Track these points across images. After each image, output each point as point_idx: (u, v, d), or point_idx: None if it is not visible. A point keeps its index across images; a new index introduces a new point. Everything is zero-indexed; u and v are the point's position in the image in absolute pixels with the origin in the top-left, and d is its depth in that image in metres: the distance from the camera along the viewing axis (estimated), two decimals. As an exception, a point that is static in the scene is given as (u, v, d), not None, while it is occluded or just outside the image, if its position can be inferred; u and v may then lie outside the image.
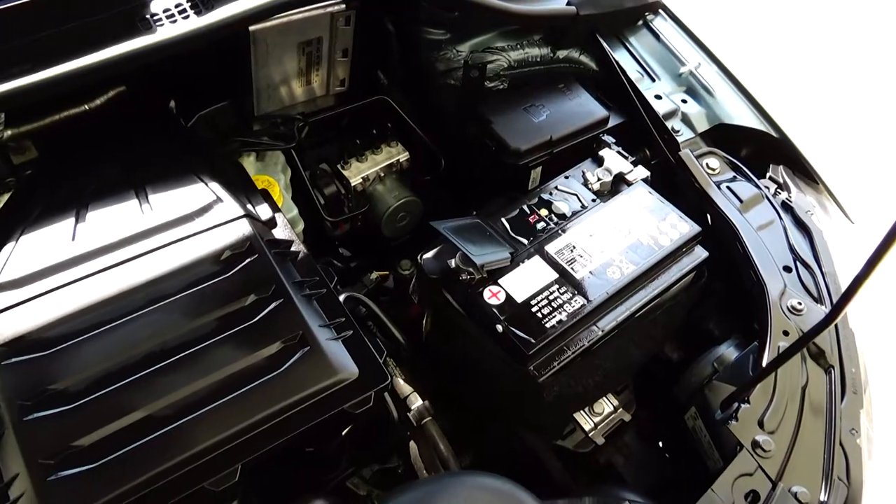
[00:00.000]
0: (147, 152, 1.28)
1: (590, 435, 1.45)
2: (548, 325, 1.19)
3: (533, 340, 1.17)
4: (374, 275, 1.54)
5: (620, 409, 1.48)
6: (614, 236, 1.33)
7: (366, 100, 1.66)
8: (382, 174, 1.70)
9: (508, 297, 1.23)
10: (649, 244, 1.31)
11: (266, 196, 1.28)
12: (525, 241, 1.32)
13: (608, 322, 1.24)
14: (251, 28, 1.38)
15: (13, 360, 0.99)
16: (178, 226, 1.15)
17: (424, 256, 1.31)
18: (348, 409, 1.04)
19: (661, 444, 1.52)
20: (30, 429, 0.95)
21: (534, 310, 1.21)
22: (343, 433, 1.23)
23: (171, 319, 1.06)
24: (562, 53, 1.64)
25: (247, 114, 1.59)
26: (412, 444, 1.35)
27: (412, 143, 1.72)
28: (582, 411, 1.46)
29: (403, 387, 1.32)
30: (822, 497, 1.08)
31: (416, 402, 1.32)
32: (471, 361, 1.33)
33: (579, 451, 1.45)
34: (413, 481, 1.21)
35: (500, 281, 1.26)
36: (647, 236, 1.32)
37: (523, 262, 1.28)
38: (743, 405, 1.16)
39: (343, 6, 1.48)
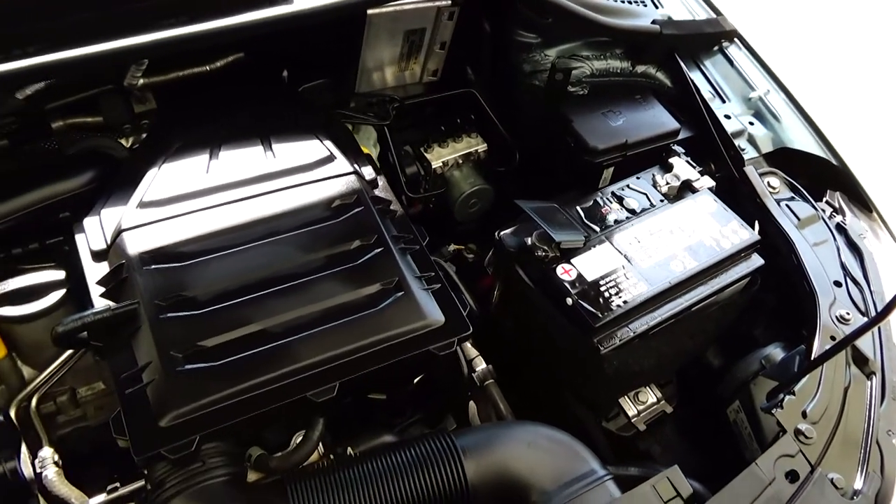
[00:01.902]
0: (270, 110, 1.43)
1: (632, 420, 1.54)
2: (613, 305, 1.30)
3: (600, 315, 1.28)
4: (452, 247, 1.66)
5: (663, 401, 1.58)
6: (679, 235, 1.44)
7: (455, 91, 1.80)
8: (460, 161, 1.83)
9: (580, 275, 1.34)
10: (711, 245, 1.42)
11: (370, 159, 1.41)
12: (597, 229, 1.44)
13: (667, 310, 1.35)
14: (369, 11, 1.53)
15: (153, 266, 1.13)
16: (297, 174, 1.29)
17: (503, 232, 1.43)
18: (434, 350, 1.16)
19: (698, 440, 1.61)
20: (163, 325, 1.08)
21: (602, 289, 1.33)
22: (415, 381, 1.35)
23: (286, 252, 1.20)
24: (640, 68, 1.77)
25: (344, 92, 1.74)
26: (471, 404, 1.45)
27: (490, 135, 1.85)
28: (627, 397, 1.55)
29: (470, 349, 1.44)
30: (857, 485, 1.16)
31: (481, 364, 1.43)
32: (535, 333, 1.44)
33: (621, 434, 1.55)
34: (482, 424, 1.32)
35: (572, 260, 1.37)
36: (709, 238, 1.43)
37: (594, 246, 1.40)
38: (788, 396, 1.25)
39: (449, 2, 1.63)
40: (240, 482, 1.08)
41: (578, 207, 1.48)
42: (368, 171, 1.37)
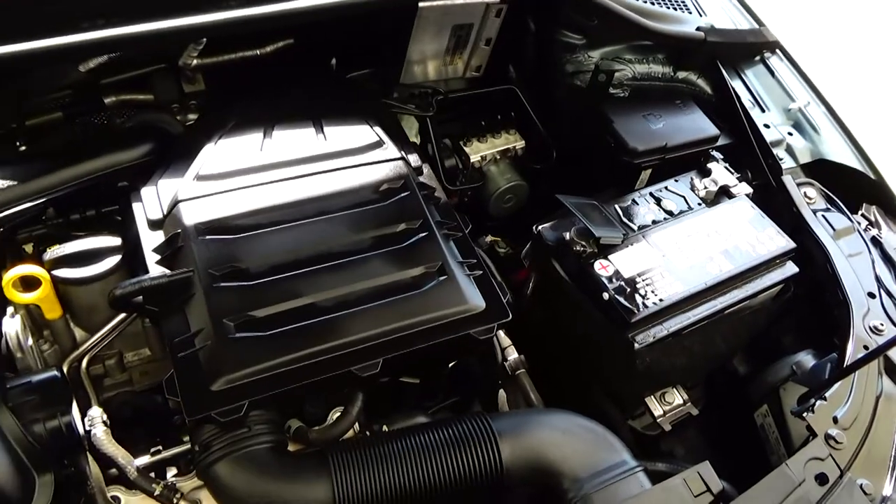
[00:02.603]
0: (321, 94, 1.47)
1: (658, 420, 1.56)
2: (649, 302, 1.32)
3: (636, 311, 1.30)
4: (489, 238, 1.69)
5: (689, 403, 1.59)
6: (715, 238, 1.45)
7: (497, 87, 1.82)
8: (498, 157, 1.85)
9: (617, 271, 1.37)
10: (747, 250, 1.44)
11: (416, 147, 1.44)
12: (634, 228, 1.46)
13: (702, 311, 1.37)
14: (421, 4, 1.56)
15: (208, 237, 1.17)
16: (347, 156, 1.33)
17: (542, 226, 1.46)
18: (474, 334, 1.19)
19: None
20: (216, 294, 1.11)
21: (638, 286, 1.35)
22: (449, 365, 1.37)
23: (335, 230, 1.23)
24: (681, 74, 1.79)
25: (388, 82, 1.77)
26: (501, 392, 1.48)
27: (528, 132, 1.88)
28: (654, 397, 1.57)
29: (504, 338, 1.46)
30: (886, 492, 1.17)
31: (513, 353, 1.45)
32: (568, 326, 1.47)
33: (646, 433, 1.57)
34: (516, 410, 1.34)
35: (609, 257, 1.39)
36: (745, 243, 1.45)
37: (632, 244, 1.42)
38: (819, 401, 1.27)
39: (498, 0, 1.66)
40: (282, 450, 1.11)
41: (616, 206, 1.50)
42: (414, 159, 1.40)
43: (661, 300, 1.33)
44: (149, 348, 1.32)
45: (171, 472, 1.20)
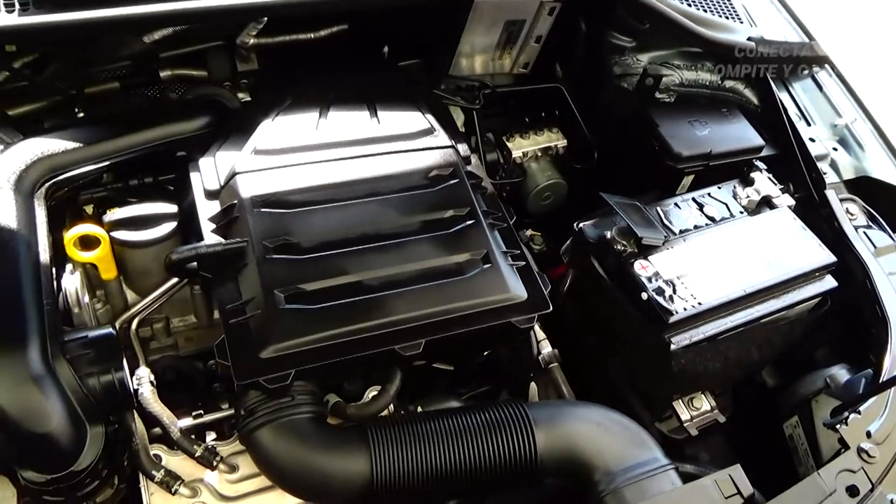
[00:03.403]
0: (375, 80, 1.49)
1: (685, 424, 1.56)
2: (688, 304, 1.33)
3: (674, 312, 1.31)
4: (529, 232, 1.71)
5: (717, 410, 1.59)
6: (756, 247, 1.46)
7: (543, 85, 1.84)
8: (539, 154, 1.87)
9: (656, 272, 1.38)
10: (787, 261, 1.44)
11: (465, 137, 1.46)
12: (676, 231, 1.47)
13: (739, 318, 1.38)
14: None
15: (263, 210, 1.20)
16: (399, 141, 1.35)
17: (584, 224, 1.47)
18: (515, 322, 1.20)
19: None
20: (269, 265, 1.14)
21: (677, 288, 1.35)
22: (484, 354, 1.39)
23: (384, 212, 1.26)
24: (728, 83, 1.79)
25: (437, 74, 1.79)
26: (532, 384, 1.49)
27: (571, 131, 1.89)
28: (682, 401, 1.58)
29: (539, 331, 1.48)
30: (917, 509, 1.17)
31: (547, 347, 1.47)
32: (603, 324, 1.48)
33: (672, 436, 1.57)
34: (549, 401, 1.36)
35: (650, 257, 1.40)
36: (786, 254, 1.45)
37: (673, 246, 1.43)
38: (853, 415, 1.27)
39: (552, -2, 1.67)
40: (323, 421, 1.14)
41: (658, 208, 1.51)
42: (463, 148, 1.42)
43: (699, 303, 1.34)
44: (195, 315, 1.35)
45: (211, 436, 1.23)
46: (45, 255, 1.11)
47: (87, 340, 1.08)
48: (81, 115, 1.48)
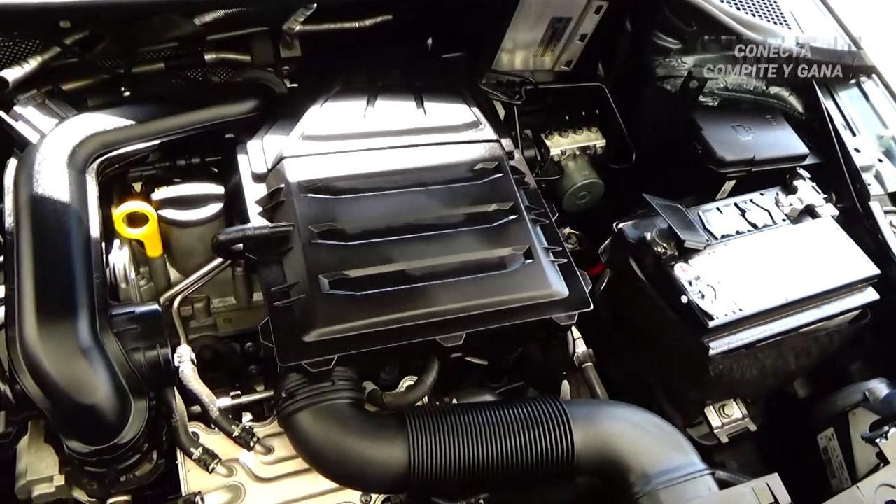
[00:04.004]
0: (422, 70, 1.49)
1: (715, 431, 1.55)
2: (727, 310, 1.32)
3: (715, 317, 1.30)
4: (567, 230, 1.70)
5: (748, 418, 1.58)
6: (798, 255, 1.44)
7: (585, 84, 1.83)
8: (577, 152, 1.86)
9: (697, 276, 1.36)
10: (829, 271, 1.42)
11: (508, 132, 1.46)
12: (717, 235, 1.45)
13: (779, 326, 1.36)
14: (525, -8, 1.58)
15: (309, 195, 1.20)
16: (445, 133, 1.36)
17: (624, 224, 1.46)
18: (556, 319, 1.20)
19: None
20: (314, 250, 1.15)
21: (717, 293, 1.34)
22: (519, 350, 1.39)
23: (429, 203, 1.26)
24: (773, 89, 1.77)
25: (478, 68, 1.79)
26: (564, 383, 1.49)
27: (610, 131, 1.88)
28: (713, 408, 1.56)
29: (574, 330, 1.47)
30: (957, 527, 1.15)
31: (582, 346, 1.46)
32: (639, 326, 1.47)
33: (702, 442, 1.56)
34: (584, 399, 1.36)
35: (690, 261, 1.39)
36: (828, 264, 1.43)
37: (714, 251, 1.42)
38: (893, 429, 1.25)
39: (600, -5, 1.66)
40: (362, 407, 1.14)
41: (699, 212, 1.50)
42: (507, 143, 1.42)
43: (740, 310, 1.32)
44: (235, 297, 1.36)
45: (246, 417, 1.24)
46: (95, 229, 1.12)
47: (134, 316, 1.09)
48: (127, 93, 1.49)
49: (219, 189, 1.28)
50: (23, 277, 1.03)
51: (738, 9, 1.74)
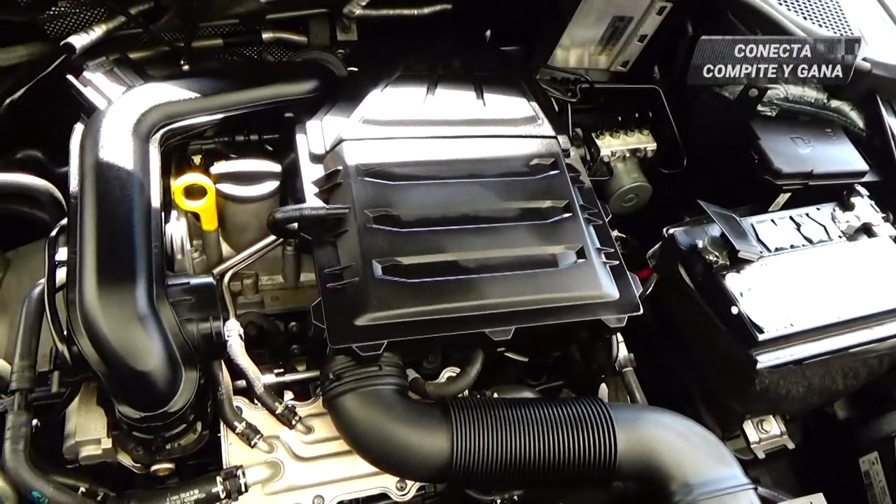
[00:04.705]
0: (482, 61, 1.48)
1: (752, 446, 1.53)
2: (778, 324, 1.30)
3: (765, 331, 1.28)
4: (615, 233, 1.68)
5: (786, 435, 1.55)
6: (853, 273, 1.41)
7: (641, 85, 1.80)
8: (627, 154, 1.84)
9: (748, 287, 1.34)
10: (884, 292, 1.39)
11: (565, 129, 1.44)
12: (770, 248, 1.43)
13: (830, 344, 1.33)
14: (590, -11, 1.56)
15: (367, 179, 1.20)
16: (504, 125, 1.35)
17: (676, 230, 1.44)
18: (605, 321, 1.19)
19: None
20: (368, 234, 1.15)
21: (768, 306, 1.32)
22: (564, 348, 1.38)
23: (484, 195, 1.25)
24: (834, 103, 1.73)
25: (535, 62, 1.77)
26: (602, 386, 1.47)
27: (662, 135, 1.85)
28: (751, 422, 1.54)
29: (617, 333, 1.45)
30: None
31: (624, 351, 1.44)
32: (684, 334, 1.45)
33: (738, 457, 1.53)
34: (626, 403, 1.34)
35: (742, 272, 1.37)
36: (884, 284, 1.40)
37: (767, 263, 1.39)
38: (944, 458, 1.22)
39: (666, -3, 1.63)
40: (405, 395, 1.14)
41: (753, 223, 1.47)
42: (564, 140, 1.41)
43: (791, 325, 1.30)
44: (283, 276, 1.37)
45: (288, 395, 1.24)
46: (156, 199, 1.13)
47: (189, 287, 1.10)
48: (186, 67, 1.50)
49: (276, 167, 1.28)
50: (85, 241, 1.04)
51: (805, 18, 1.70)
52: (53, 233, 1.11)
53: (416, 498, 1.22)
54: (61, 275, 1.08)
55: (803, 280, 1.37)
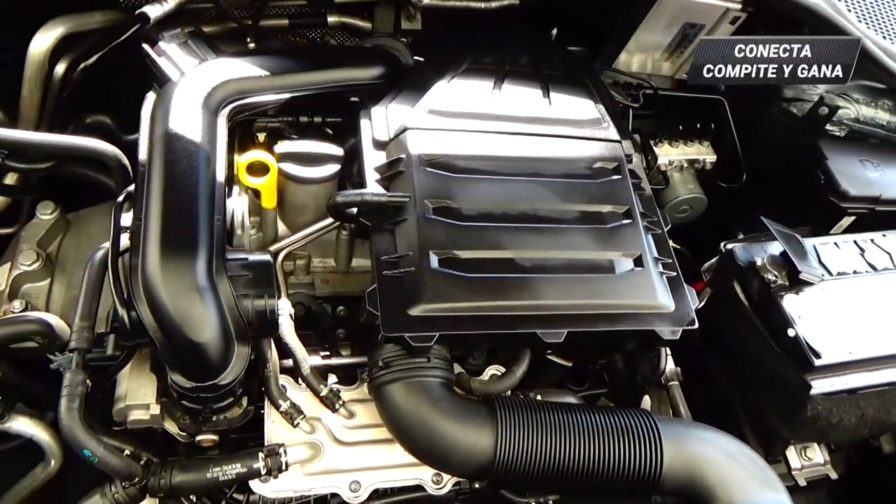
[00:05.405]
0: (549, 58, 1.46)
1: (793, 472, 1.49)
2: (837, 351, 1.26)
3: (822, 355, 1.24)
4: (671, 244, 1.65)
5: (829, 465, 1.51)
6: (918, 305, 1.36)
7: (706, 95, 1.76)
8: (685, 164, 1.80)
9: (807, 310, 1.30)
10: (950, 327, 1.34)
11: (628, 134, 1.42)
12: (832, 271, 1.38)
13: (887, 376, 1.29)
14: (664, -9, 1.52)
15: (429, 169, 1.19)
16: (568, 126, 1.33)
17: (735, 245, 1.41)
18: (659, 332, 1.16)
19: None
20: (428, 225, 1.14)
21: (826, 331, 1.28)
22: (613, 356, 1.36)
23: (544, 194, 1.24)
24: (908, 128, 1.67)
25: (600, 64, 1.74)
26: (645, 398, 1.45)
27: (722, 148, 1.81)
28: (794, 448, 1.50)
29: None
30: None
31: (671, 364, 1.41)
32: (735, 351, 1.42)
33: (779, 483, 1.50)
34: (673, 417, 1.32)
35: (801, 294, 1.33)
36: (950, 319, 1.35)
37: (827, 287, 1.35)
38: None
39: (739, 6, 1.59)
40: (452, 389, 1.13)
41: (815, 244, 1.43)
42: (628, 145, 1.38)
43: (850, 352, 1.26)
44: (335, 259, 1.37)
45: (332, 379, 1.25)
46: (222, 173, 1.14)
47: (247, 263, 1.11)
48: (251, 45, 1.51)
49: (338, 150, 1.28)
50: (150, 209, 1.05)
51: (884, 37, 1.64)
52: (120, 198, 1.12)
53: (450, 493, 1.21)
54: (125, 240, 1.09)
55: (864, 307, 1.33)
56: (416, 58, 1.49)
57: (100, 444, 1.02)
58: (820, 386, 1.25)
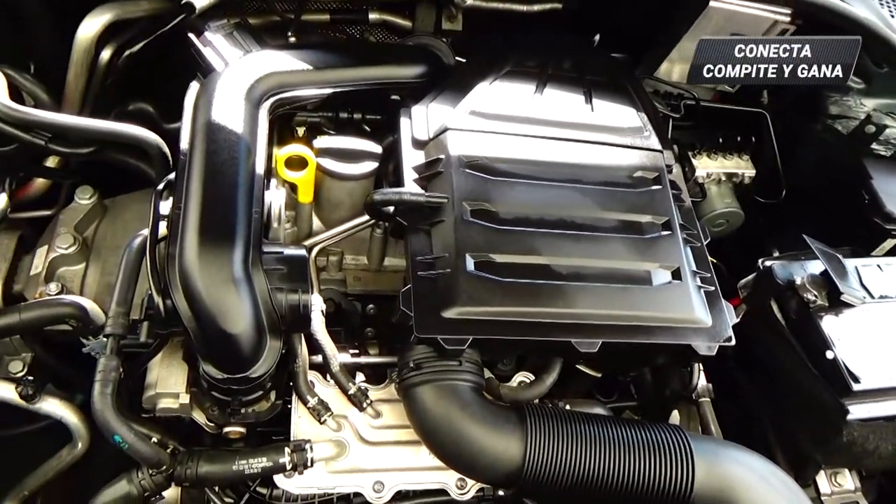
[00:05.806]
0: (592, 64, 1.44)
1: (823, 498, 1.45)
2: (876, 376, 1.22)
3: (861, 380, 1.21)
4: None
5: (860, 492, 1.47)
6: (962, 333, 1.32)
7: (748, 108, 1.73)
8: (722, 178, 1.77)
9: (847, 333, 1.27)
10: None
11: (669, 144, 1.40)
12: (873, 294, 1.35)
13: (927, 404, 1.25)
14: (712, 3, 1.49)
15: (468, 171, 1.18)
16: (610, 133, 1.31)
17: (774, 263, 1.38)
18: (695, 347, 1.14)
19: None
20: (465, 227, 1.13)
21: (866, 355, 1.25)
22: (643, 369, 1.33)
23: (583, 201, 1.22)
24: (956, 150, 1.63)
25: (642, 72, 1.71)
26: (674, 413, 1.42)
27: (761, 163, 1.77)
28: (825, 473, 1.46)
29: (697, 362, 1.40)
30: None
31: (703, 380, 1.39)
32: (770, 371, 1.39)
33: (809, 508, 1.46)
34: (705, 435, 1.30)
35: (840, 315, 1.30)
36: None
37: (869, 310, 1.31)
38: None
39: (788, 19, 1.56)
40: (482, 394, 1.12)
41: (857, 265, 1.40)
42: (669, 156, 1.36)
43: (890, 378, 1.23)
44: (368, 257, 1.36)
45: (359, 378, 1.24)
46: (261, 165, 1.14)
47: (283, 257, 1.10)
48: (292, 39, 1.51)
49: (377, 148, 1.27)
50: (190, 199, 1.05)
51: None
52: (160, 186, 1.13)
53: (472, 499, 1.20)
54: (163, 228, 1.09)
55: (907, 333, 1.29)
56: (457, 58, 1.47)
57: (130, 430, 1.02)
58: (857, 411, 1.22)
